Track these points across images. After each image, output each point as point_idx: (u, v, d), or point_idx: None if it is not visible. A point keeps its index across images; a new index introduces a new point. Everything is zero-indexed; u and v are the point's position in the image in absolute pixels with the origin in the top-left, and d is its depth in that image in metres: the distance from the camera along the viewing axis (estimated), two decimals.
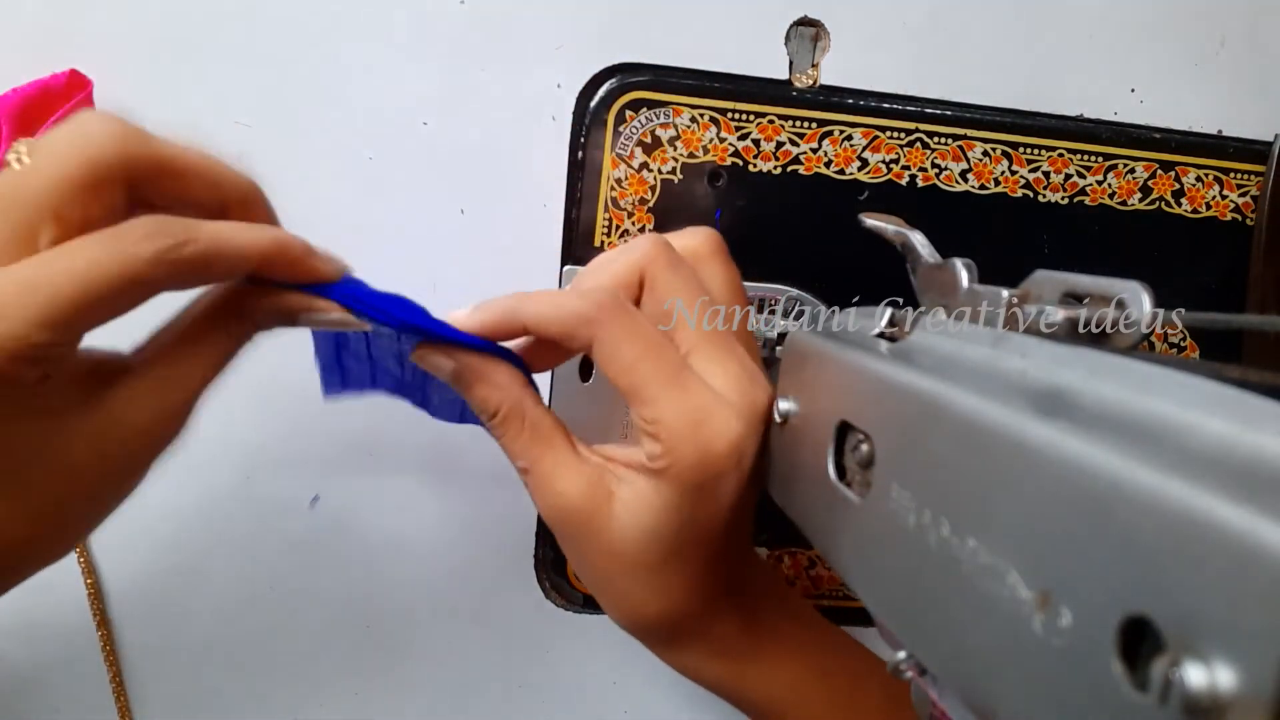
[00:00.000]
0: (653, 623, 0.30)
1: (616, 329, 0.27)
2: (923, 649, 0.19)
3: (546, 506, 0.29)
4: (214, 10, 0.35)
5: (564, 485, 0.28)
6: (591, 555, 0.29)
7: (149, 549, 0.38)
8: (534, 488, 0.29)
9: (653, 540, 0.28)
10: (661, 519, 0.28)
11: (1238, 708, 0.11)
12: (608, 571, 0.29)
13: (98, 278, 0.21)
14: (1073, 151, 0.40)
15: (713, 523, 0.28)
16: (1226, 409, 0.13)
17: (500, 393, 0.28)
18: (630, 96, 0.37)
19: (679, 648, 0.31)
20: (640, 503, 0.28)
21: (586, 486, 0.28)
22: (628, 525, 0.28)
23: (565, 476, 0.28)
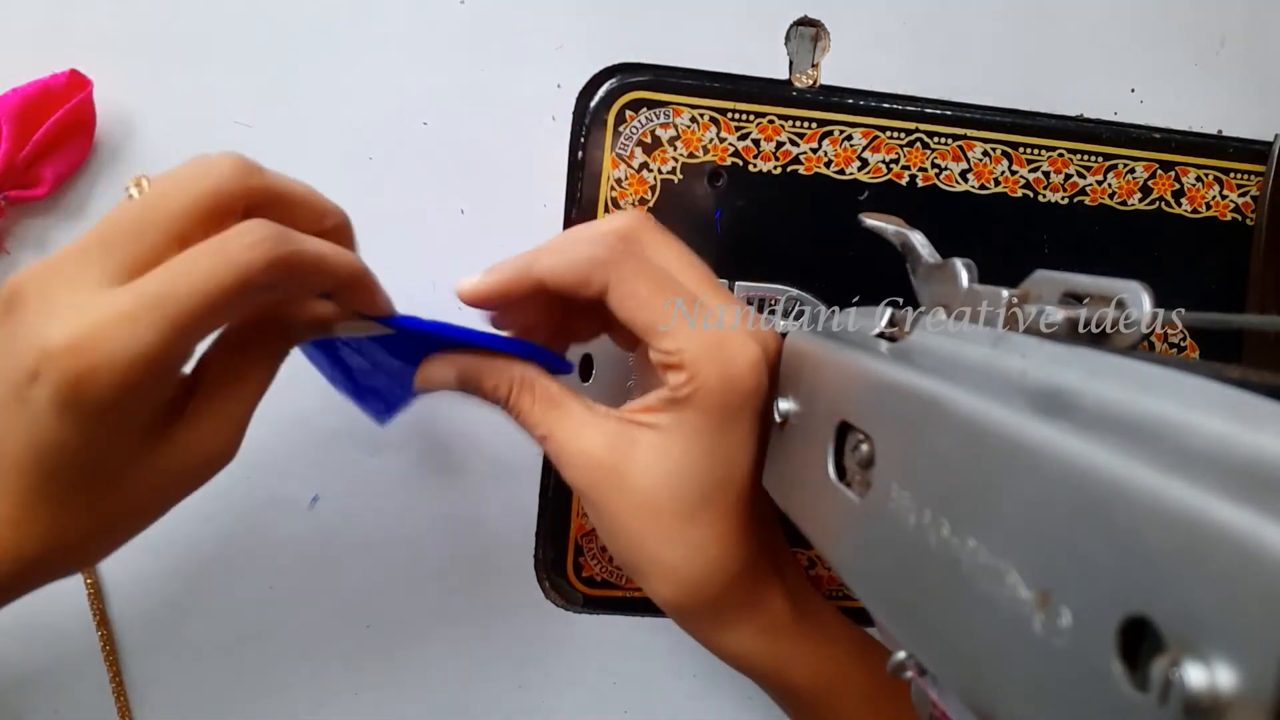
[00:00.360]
0: (697, 587, 0.29)
1: (629, 268, 0.28)
2: (923, 649, 0.19)
3: (572, 468, 0.29)
4: (214, 10, 0.35)
5: (585, 443, 0.28)
6: (622, 514, 0.29)
7: (149, 549, 0.38)
8: (556, 453, 0.29)
9: (681, 481, 0.28)
10: (689, 454, 0.28)
11: (1238, 708, 0.11)
12: (641, 531, 0.29)
13: (217, 286, 0.22)
14: (1073, 151, 0.40)
15: (738, 457, 0.29)
16: (1226, 409, 0.13)
17: (504, 375, 0.30)
18: (630, 96, 0.37)
19: (726, 623, 0.30)
20: (666, 441, 0.28)
21: (608, 440, 0.28)
22: (655, 470, 0.28)
23: (585, 435, 0.29)
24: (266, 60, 0.36)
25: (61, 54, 0.34)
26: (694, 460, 0.28)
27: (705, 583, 0.29)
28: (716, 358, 0.28)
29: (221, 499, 0.38)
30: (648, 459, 0.28)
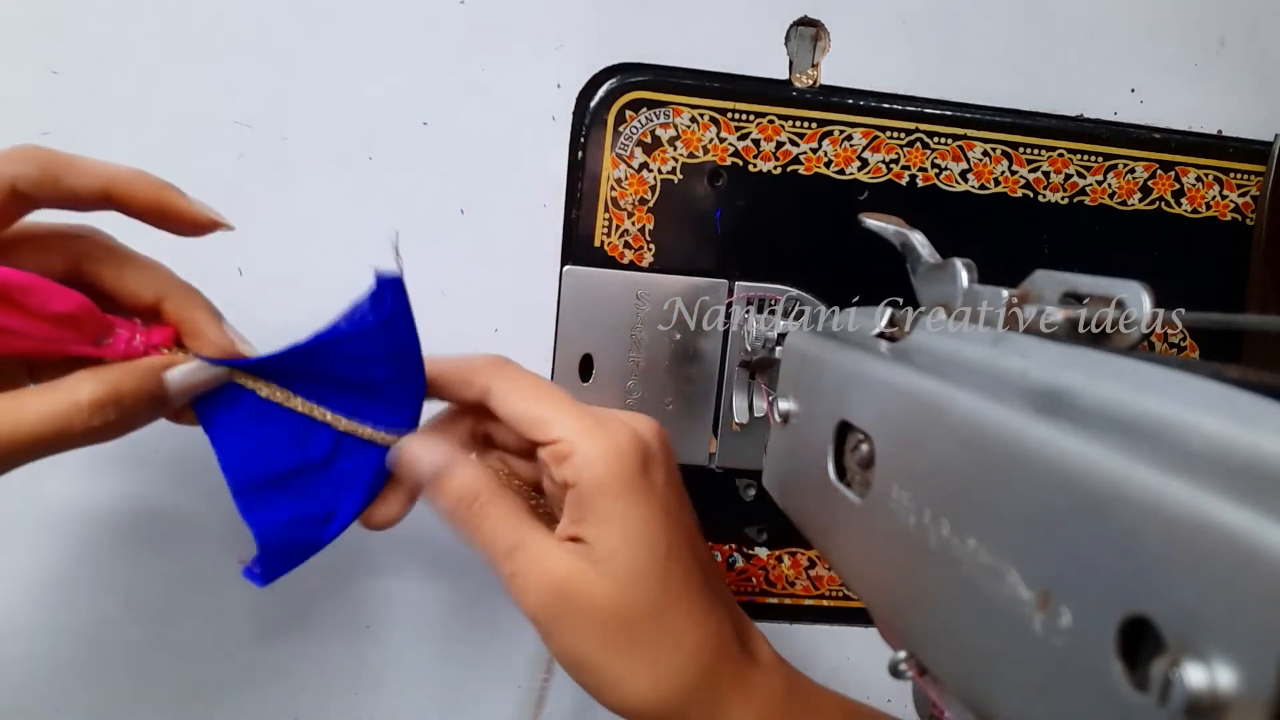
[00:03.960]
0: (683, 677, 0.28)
1: (509, 370, 0.30)
2: (923, 649, 0.19)
3: (539, 596, 0.28)
4: (214, 10, 0.35)
5: (552, 560, 0.28)
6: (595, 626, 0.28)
7: (148, 548, 0.38)
8: (526, 569, 0.28)
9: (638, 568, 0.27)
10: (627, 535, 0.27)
11: (1238, 708, 0.11)
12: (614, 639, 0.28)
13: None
14: (1073, 151, 0.40)
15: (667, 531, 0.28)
16: (1226, 409, 0.13)
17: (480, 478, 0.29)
18: (630, 96, 0.37)
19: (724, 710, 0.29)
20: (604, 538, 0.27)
21: (569, 558, 0.28)
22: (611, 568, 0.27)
23: (551, 551, 0.28)
24: (266, 60, 0.36)
25: (62, 53, 0.34)
26: (634, 544, 0.28)
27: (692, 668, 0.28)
28: (601, 431, 0.28)
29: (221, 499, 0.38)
30: (601, 566, 0.27)
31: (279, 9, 0.35)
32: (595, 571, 0.27)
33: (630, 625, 0.28)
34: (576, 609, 0.27)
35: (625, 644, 0.28)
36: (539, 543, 0.28)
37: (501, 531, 0.28)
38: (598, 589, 0.27)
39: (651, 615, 0.28)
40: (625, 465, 0.28)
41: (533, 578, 0.27)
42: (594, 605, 0.27)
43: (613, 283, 0.38)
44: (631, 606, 0.27)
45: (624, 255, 0.38)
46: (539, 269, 0.38)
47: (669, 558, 0.28)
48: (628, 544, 0.27)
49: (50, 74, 0.35)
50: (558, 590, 0.27)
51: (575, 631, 0.28)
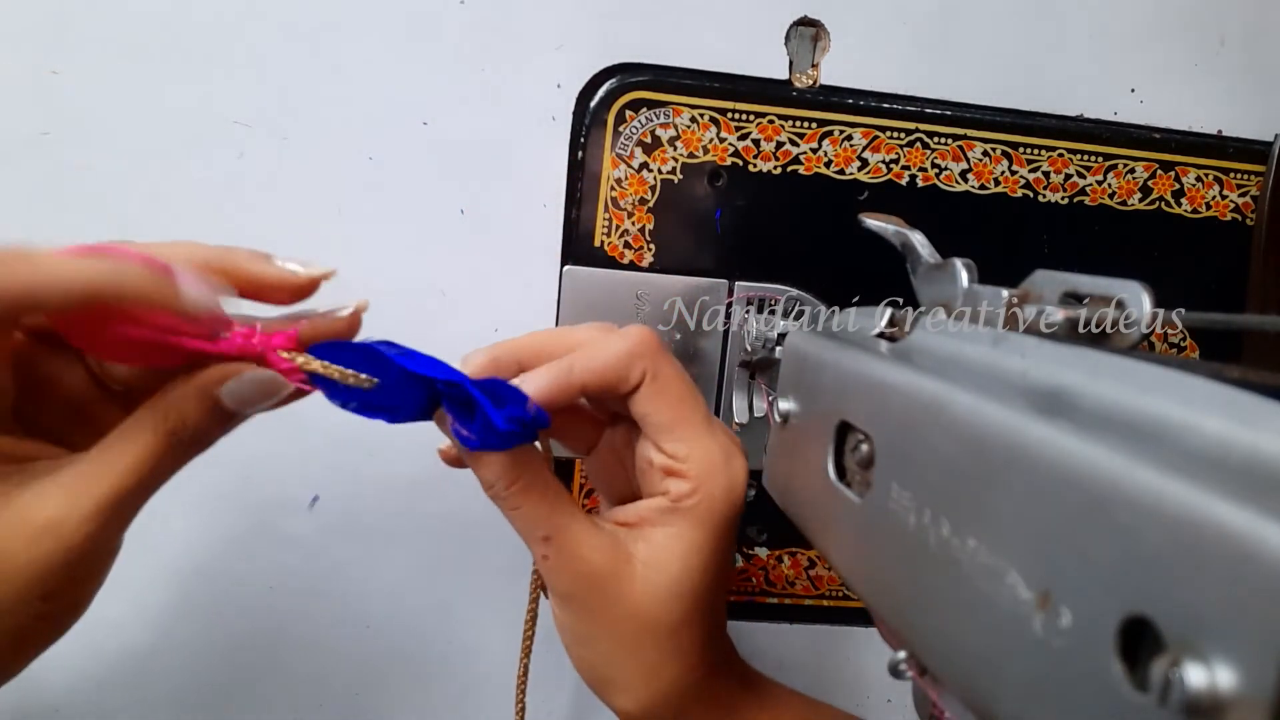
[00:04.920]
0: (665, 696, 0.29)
1: (667, 366, 0.28)
2: (923, 649, 0.19)
3: (572, 575, 0.28)
4: (214, 11, 0.35)
5: (588, 551, 0.27)
6: (613, 622, 0.28)
7: (148, 548, 0.38)
8: (557, 556, 0.28)
9: (676, 595, 0.28)
10: (686, 568, 0.28)
11: (1238, 708, 0.11)
12: (626, 638, 0.28)
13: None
14: (1073, 151, 0.40)
15: (725, 567, 0.29)
16: (1226, 409, 0.13)
17: (518, 462, 0.28)
18: (630, 96, 0.37)
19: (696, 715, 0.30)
20: (664, 553, 0.28)
21: (608, 550, 0.28)
22: (652, 581, 0.28)
23: (588, 542, 0.28)
24: (266, 60, 0.36)
25: (62, 53, 0.34)
26: (689, 574, 0.28)
27: (674, 683, 0.29)
28: (723, 472, 0.28)
29: (221, 499, 0.38)
30: (644, 573, 0.28)
31: (279, 9, 0.35)
32: (634, 573, 0.28)
33: (647, 633, 0.28)
34: (604, 599, 0.28)
35: (634, 645, 0.28)
36: (577, 530, 0.28)
37: (540, 516, 0.28)
38: (631, 590, 0.28)
39: (669, 633, 0.28)
40: (729, 510, 0.28)
41: (567, 564, 0.28)
42: (622, 602, 0.28)
43: (613, 283, 0.38)
44: (656, 620, 0.28)
45: (624, 255, 0.38)
46: (539, 269, 0.38)
47: (709, 590, 0.29)
48: (685, 570, 0.28)
49: (50, 74, 0.35)
50: (591, 578, 0.27)
51: (593, 616, 0.28)
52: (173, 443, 0.24)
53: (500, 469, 0.28)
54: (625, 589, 0.28)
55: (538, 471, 0.28)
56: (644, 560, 0.28)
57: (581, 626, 0.29)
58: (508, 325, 0.39)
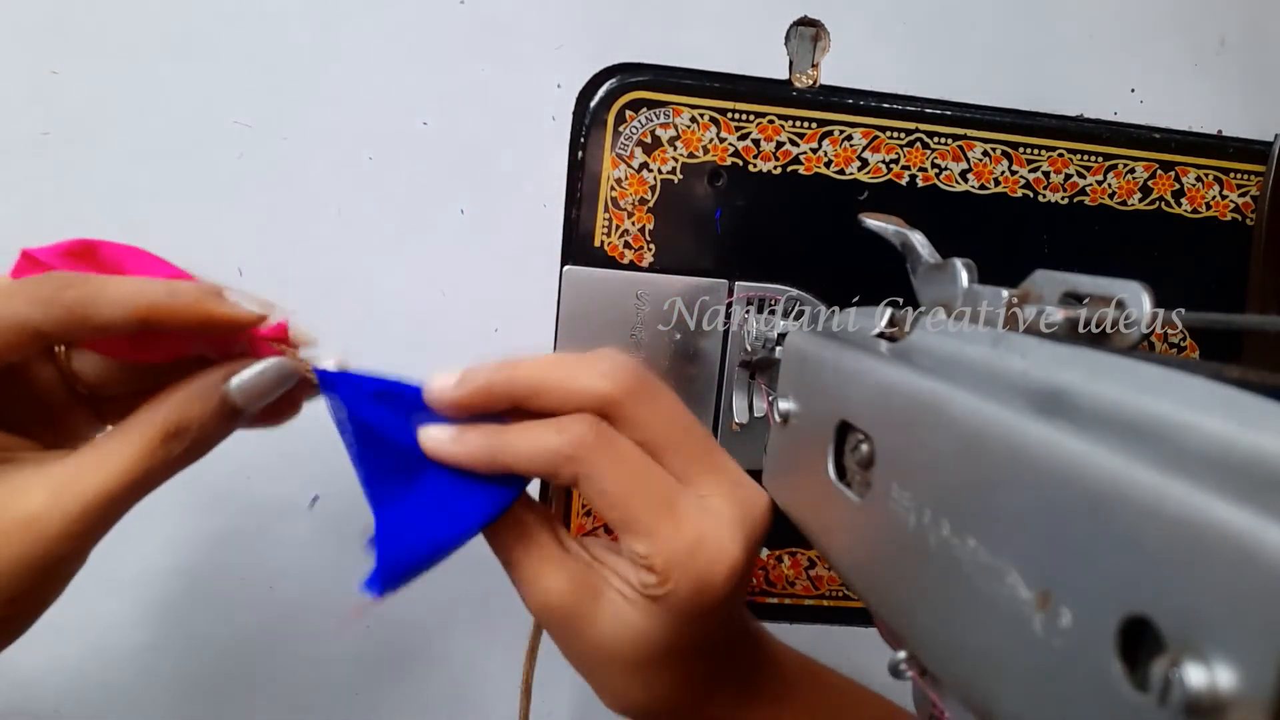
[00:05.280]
0: (641, 711, 0.29)
1: (601, 463, 0.25)
2: (923, 649, 0.19)
3: (531, 603, 0.27)
4: (214, 10, 0.35)
5: (548, 582, 0.26)
6: (576, 649, 0.27)
7: (148, 549, 0.38)
8: (517, 583, 0.27)
9: (640, 648, 0.26)
10: (651, 634, 0.26)
11: (1238, 708, 0.11)
12: (592, 665, 0.28)
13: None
14: (1073, 151, 0.40)
15: (707, 637, 0.27)
16: (1226, 409, 0.13)
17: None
18: (630, 96, 0.37)
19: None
20: (630, 614, 0.26)
21: (571, 583, 0.26)
22: (614, 631, 0.26)
23: (549, 573, 0.27)
24: (266, 60, 0.36)
25: (62, 53, 0.34)
26: (655, 640, 0.26)
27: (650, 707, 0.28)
28: (691, 567, 0.25)
29: (221, 499, 0.38)
30: (607, 619, 0.26)
31: (279, 9, 0.35)
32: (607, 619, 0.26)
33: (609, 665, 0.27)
34: (562, 632, 0.27)
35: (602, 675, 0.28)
36: (538, 562, 0.27)
37: (505, 543, 0.27)
38: (593, 624, 0.26)
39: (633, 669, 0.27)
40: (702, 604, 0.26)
41: (527, 592, 0.27)
42: (581, 636, 0.27)
43: (613, 283, 0.38)
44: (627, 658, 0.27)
45: (624, 255, 0.38)
46: (539, 269, 0.38)
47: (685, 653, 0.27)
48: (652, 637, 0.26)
49: (50, 74, 0.35)
50: (547, 610, 0.27)
51: (562, 643, 0.28)
52: (170, 445, 0.23)
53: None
54: (587, 625, 0.26)
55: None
56: (611, 607, 0.26)
57: (553, 640, 0.28)
58: (508, 325, 0.39)
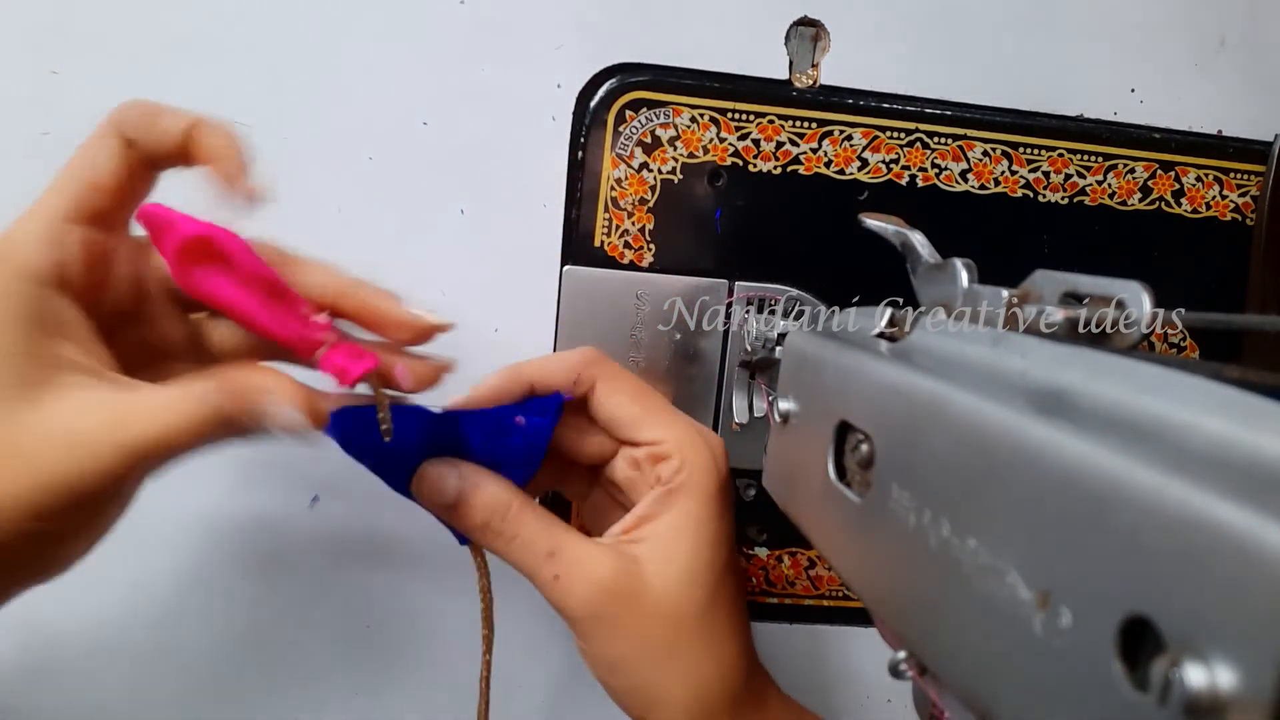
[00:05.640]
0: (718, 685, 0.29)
1: (612, 369, 0.31)
2: (923, 649, 0.19)
3: (586, 588, 0.27)
4: (214, 10, 0.35)
5: (596, 566, 0.27)
6: (639, 630, 0.28)
7: (149, 549, 0.38)
8: (567, 571, 0.27)
9: (695, 576, 0.28)
10: (696, 546, 0.28)
11: (1238, 708, 0.11)
12: (657, 643, 0.28)
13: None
14: (1073, 151, 0.40)
15: (729, 540, 0.30)
16: (1226, 409, 0.13)
17: (503, 491, 0.28)
18: (630, 96, 0.37)
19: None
20: (671, 540, 0.28)
21: (615, 559, 0.28)
22: (666, 575, 0.28)
23: (594, 554, 0.28)
24: (266, 60, 0.36)
25: (62, 52, 0.34)
26: (700, 552, 0.28)
27: (719, 690, 0.29)
28: (700, 441, 0.30)
29: (222, 499, 0.38)
30: (656, 569, 0.28)
31: (279, 9, 0.35)
32: (646, 573, 0.28)
33: (675, 630, 0.28)
34: (624, 609, 0.27)
35: (666, 649, 0.28)
36: (580, 544, 0.28)
37: (540, 536, 0.28)
38: (648, 589, 0.28)
39: (697, 624, 0.28)
40: (718, 478, 0.30)
41: (578, 578, 0.27)
42: (642, 606, 0.27)
43: (613, 283, 0.38)
44: (680, 611, 0.28)
45: (624, 255, 0.38)
46: (539, 269, 0.38)
47: (726, 571, 0.29)
48: (694, 549, 0.28)
49: (50, 74, 0.35)
50: (606, 589, 0.27)
51: (617, 633, 0.28)
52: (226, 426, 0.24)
53: (491, 501, 0.28)
54: (642, 592, 0.28)
55: (526, 498, 0.29)
56: (651, 558, 0.28)
57: (609, 648, 0.28)
58: (507, 325, 0.39)
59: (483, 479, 0.29)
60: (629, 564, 0.28)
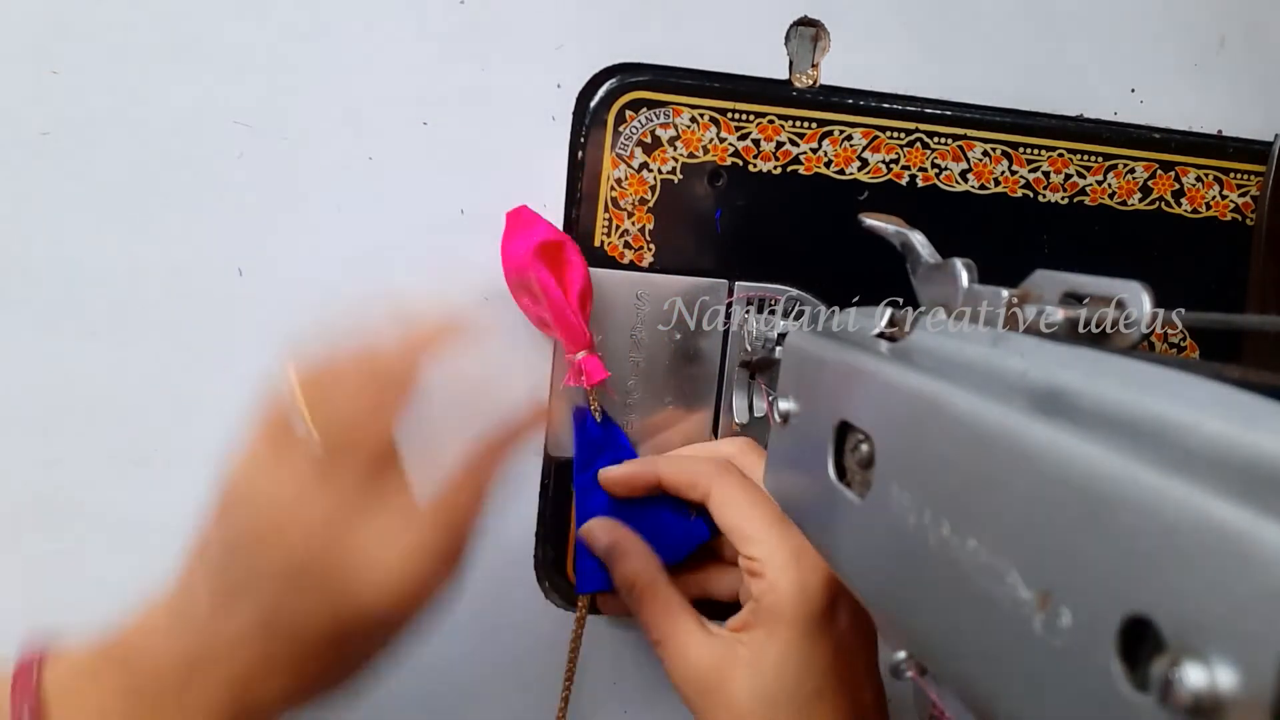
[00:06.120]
0: None
1: (730, 480, 0.33)
2: (923, 649, 0.19)
3: (679, 676, 0.31)
4: (214, 10, 0.35)
5: (694, 656, 0.31)
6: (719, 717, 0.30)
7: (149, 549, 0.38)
8: (666, 658, 0.32)
9: (774, 695, 0.30)
10: (780, 667, 0.30)
11: (1237, 708, 0.11)
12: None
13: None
14: (1073, 151, 0.40)
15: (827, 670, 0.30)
16: (1226, 409, 0.13)
17: (639, 569, 0.34)
18: (630, 96, 0.37)
19: None
20: (759, 656, 0.30)
21: (713, 657, 0.31)
22: (751, 685, 0.30)
23: (695, 647, 0.31)
24: (266, 60, 0.36)
25: (61, 52, 0.34)
26: (784, 674, 0.30)
27: None
28: (794, 566, 0.30)
29: None
30: (744, 675, 0.30)
31: (280, 9, 0.35)
32: (738, 676, 0.30)
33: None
34: (708, 703, 0.31)
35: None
36: (684, 637, 0.32)
37: (653, 622, 0.32)
38: (735, 691, 0.30)
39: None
40: (807, 605, 0.30)
41: (675, 668, 0.31)
42: (725, 705, 0.30)
43: (613, 283, 0.38)
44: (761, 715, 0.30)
45: (624, 255, 0.38)
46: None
47: (817, 696, 0.30)
48: (776, 672, 0.30)
49: (50, 74, 0.35)
50: (693, 681, 0.31)
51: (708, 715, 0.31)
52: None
53: (622, 578, 0.34)
54: (730, 692, 0.30)
55: (653, 578, 0.33)
56: (747, 662, 0.30)
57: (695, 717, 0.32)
58: (508, 325, 0.39)
59: (626, 555, 0.34)
60: (728, 662, 0.30)
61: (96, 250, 0.36)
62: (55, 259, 0.36)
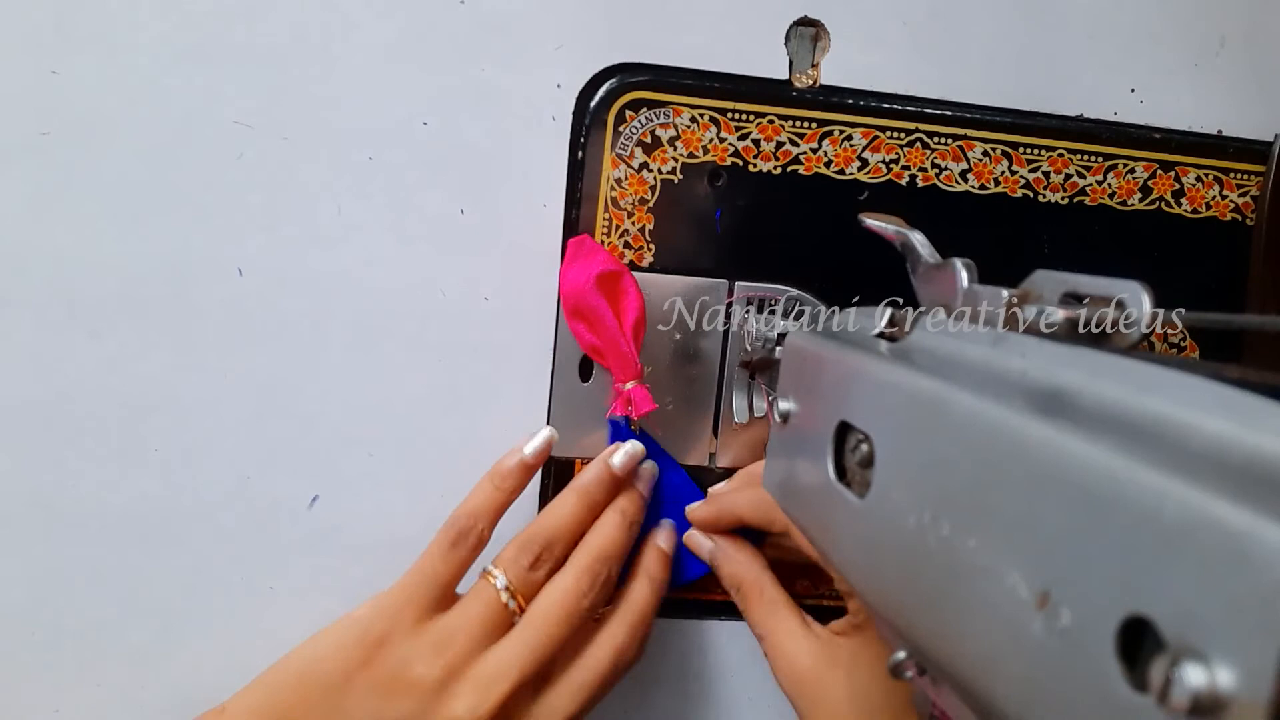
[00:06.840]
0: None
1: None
2: (923, 649, 0.19)
3: (781, 674, 0.33)
4: (214, 10, 0.35)
5: (794, 654, 0.33)
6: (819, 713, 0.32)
7: (150, 549, 0.38)
8: (769, 653, 0.34)
9: (865, 699, 0.31)
10: (870, 674, 0.32)
11: (1237, 707, 0.11)
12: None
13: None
14: (1073, 151, 0.40)
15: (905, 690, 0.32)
16: (1226, 409, 0.13)
17: (743, 570, 0.36)
18: (630, 96, 0.37)
19: None
20: (853, 662, 0.32)
21: (814, 656, 0.33)
22: (845, 687, 0.32)
23: (797, 645, 0.33)
24: (266, 60, 0.36)
25: (61, 52, 0.34)
26: (873, 680, 0.32)
27: None
28: None
29: (221, 499, 0.38)
30: (841, 676, 0.32)
31: (280, 9, 0.35)
32: (839, 677, 0.32)
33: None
34: (808, 700, 0.32)
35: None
36: (786, 635, 0.33)
37: (757, 620, 0.35)
38: (834, 689, 0.32)
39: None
40: None
41: (776, 662, 0.33)
42: (824, 702, 0.32)
43: None
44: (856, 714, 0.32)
45: (624, 255, 0.38)
46: (539, 269, 0.38)
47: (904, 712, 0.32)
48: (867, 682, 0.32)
49: (50, 74, 0.35)
50: (796, 681, 0.33)
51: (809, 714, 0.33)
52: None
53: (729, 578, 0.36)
54: (828, 688, 0.32)
55: (757, 577, 0.35)
56: (844, 664, 0.32)
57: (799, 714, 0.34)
58: (508, 325, 0.39)
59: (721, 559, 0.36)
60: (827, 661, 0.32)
61: (96, 250, 0.36)
62: (55, 259, 0.36)
